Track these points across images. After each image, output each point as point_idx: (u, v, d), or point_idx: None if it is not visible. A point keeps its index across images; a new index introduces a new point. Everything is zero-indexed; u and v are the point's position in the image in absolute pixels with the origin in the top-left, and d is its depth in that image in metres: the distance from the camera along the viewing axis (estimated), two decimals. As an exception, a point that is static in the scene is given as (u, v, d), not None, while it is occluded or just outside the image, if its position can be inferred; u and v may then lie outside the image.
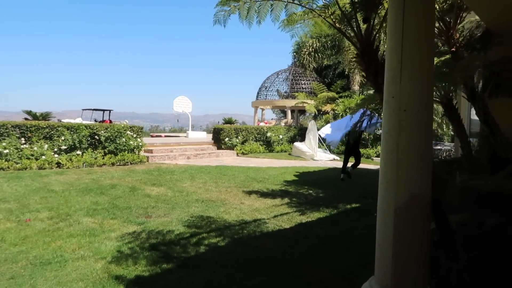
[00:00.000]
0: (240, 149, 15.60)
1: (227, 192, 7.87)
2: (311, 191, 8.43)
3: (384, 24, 3.16)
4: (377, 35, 3.45)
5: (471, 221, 3.70)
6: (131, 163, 11.94)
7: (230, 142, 15.60)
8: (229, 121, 18.40)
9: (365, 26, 3.41)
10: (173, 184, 8.56)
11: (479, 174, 5.21)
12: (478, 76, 5.60)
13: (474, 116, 8.33)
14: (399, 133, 2.70)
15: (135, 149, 12.56)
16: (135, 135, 12.78)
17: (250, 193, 7.91)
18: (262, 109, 30.06)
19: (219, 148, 15.83)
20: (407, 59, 2.66)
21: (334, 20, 4.14)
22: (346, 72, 21.32)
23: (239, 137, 15.97)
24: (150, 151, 13.52)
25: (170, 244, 4.49)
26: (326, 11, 4.18)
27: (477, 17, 6.13)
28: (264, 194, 7.82)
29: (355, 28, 3.49)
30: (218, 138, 15.88)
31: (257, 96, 28.73)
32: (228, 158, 14.65)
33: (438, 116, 16.73)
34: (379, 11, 3.64)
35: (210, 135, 17.94)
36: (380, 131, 17.81)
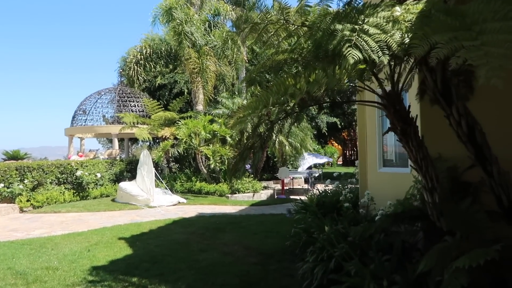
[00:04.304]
0: (28, 200, 9.74)
1: None
2: (145, 294, 4.15)
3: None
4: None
5: None
6: None
7: (9, 190, 9.56)
8: (14, 156, 12.01)
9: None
10: None
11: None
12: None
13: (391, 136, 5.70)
14: None
15: None
16: None
17: None
18: (82, 139, 23.52)
19: (-14, 201, 9.54)
20: None
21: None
22: (186, 91, 17.85)
23: (27, 181, 10.06)
24: None
25: None
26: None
27: None
28: None
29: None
30: (-14, 185, 9.59)
31: (72, 122, 22.04)
32: (-2, 219, 8.65)
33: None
34: None
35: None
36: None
